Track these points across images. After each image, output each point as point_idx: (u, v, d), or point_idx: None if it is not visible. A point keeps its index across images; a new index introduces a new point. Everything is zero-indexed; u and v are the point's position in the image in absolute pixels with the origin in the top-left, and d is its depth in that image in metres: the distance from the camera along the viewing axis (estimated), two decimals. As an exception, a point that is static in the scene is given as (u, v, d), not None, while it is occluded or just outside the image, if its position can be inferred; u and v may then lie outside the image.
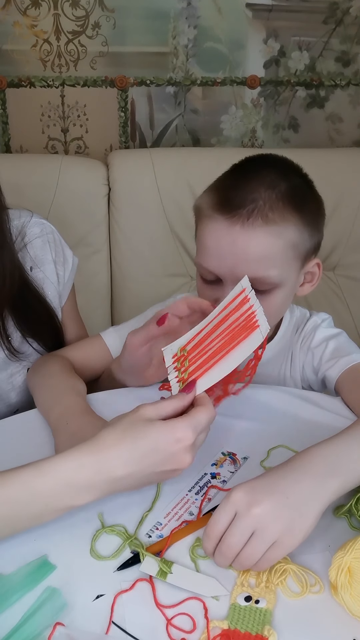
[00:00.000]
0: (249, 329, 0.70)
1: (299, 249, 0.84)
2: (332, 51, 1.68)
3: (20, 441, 0.81)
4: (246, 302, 0.73)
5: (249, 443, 0.80)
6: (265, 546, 0.59)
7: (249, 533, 0.59)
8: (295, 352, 0.99)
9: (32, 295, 0.95)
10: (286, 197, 0.82)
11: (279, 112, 1.73)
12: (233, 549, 0.59)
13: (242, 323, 0.71)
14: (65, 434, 0.76)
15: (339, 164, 1.59)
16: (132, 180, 1.52)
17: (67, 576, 0.61)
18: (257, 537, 0.59)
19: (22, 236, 0.96)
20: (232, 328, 0.71)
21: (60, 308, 1.03)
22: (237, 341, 0.70)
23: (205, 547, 0.62)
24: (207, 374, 0.69)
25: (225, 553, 0.60)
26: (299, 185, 0.86)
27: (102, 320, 1.59)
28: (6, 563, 0.61)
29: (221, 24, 1.60)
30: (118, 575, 0.62)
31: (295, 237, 0.83)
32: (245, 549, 0.59)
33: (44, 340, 0.98)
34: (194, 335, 0.75)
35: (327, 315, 1.01)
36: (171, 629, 0.56)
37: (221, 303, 0.75)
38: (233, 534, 0.59)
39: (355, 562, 0.58)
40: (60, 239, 1.02)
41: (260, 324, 0.70)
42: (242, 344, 0.69)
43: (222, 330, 0.72)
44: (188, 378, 0.70)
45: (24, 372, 0.99)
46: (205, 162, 1.56)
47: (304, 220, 0.83)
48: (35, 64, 1.58)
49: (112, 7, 1.54)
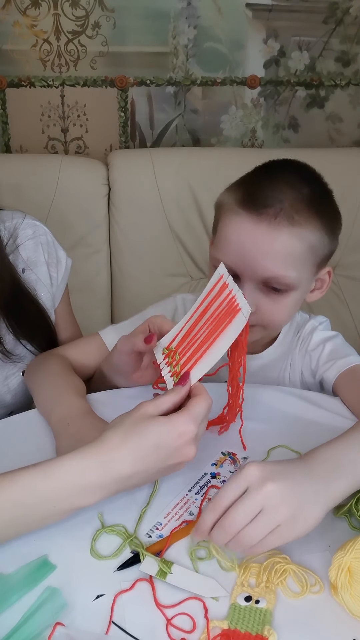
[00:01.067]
0: (231, 313, 0.71)
1: (318, 253, 0.86)
2: (332, 51, 1.68)
3: (20, 441, 0.81)
4: (225, 288, 0.74)
5: (249, 443, 0.80)
6: (268, 528, 0.58)
7: (257, 511, 0.58)
8: (294, 355, 0.99)
9: (24, 297, 0.95)
10: (310, 201, 0.83)
11: (279, 112, 1.73)
12: (237, 524, 0.58)
13: (225, 309, 0.72)
14: (66, 436, 0.76)
15: (339, 164, 1.59)
16: (132, 180, 1.52)
17: (67, 576, 0.61)
18: (263, 516, 0.58)
19: (15, 238, 0.95)
20: (215, 315, 0.73)
21: (53, 310, 1.02)
22: (222, 327, 0.71)
23: (204, 519, 0.60)
24: (198, 363, 0.70)
25: (227, 528, 0.58)
26: (321, 192, 0.87)
27: (102, 320, 1.59)
28: (6, 563, 0.61)
29: (221, 24, 1.60)
30: (118, 575, 0.62)
31: (315, 241, 0.84)
32: (248, 527, 0.58)
33: (37, 342, 0.98)
34: (180, 329, 0.76)
35: (324, 318, 1.02)
36: (171, 629, 0.56)
37: (202, 293, 0.76)
38: (240, 509, 0.58)
39: (355, 562, 0.58)
40: (54, 241, 1.02)
41: (242, 307, 0.71)
42: (227, 329, 0.71)
43: (207, 319, 0.73)
44: (180, 371, 0.71)
45: (19, 375, 0.99)
46: (205, 162, 1.56)
47: (324, 225, 0.85)
48: (35, 64, 1.58)
49: (112, 7, 1.54)
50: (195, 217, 1.55)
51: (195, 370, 0.70)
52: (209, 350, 0.70)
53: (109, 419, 0.79)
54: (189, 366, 0.71)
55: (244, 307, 0.71)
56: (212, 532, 0.60)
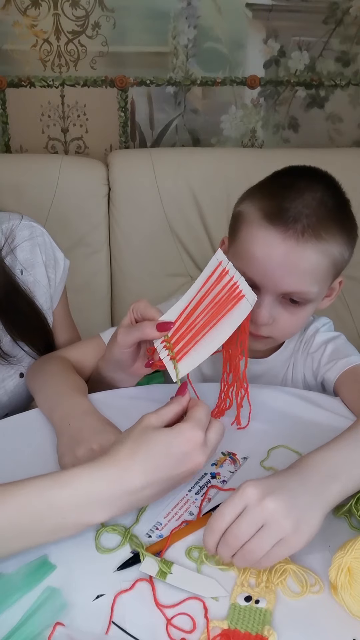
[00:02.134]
0: (234, 300, 0.71)
1: (338, 266, 0.86)
2: (332, 51, 1.68)
3: (20, 441, 0.81)
4: (225, 274, 0.73)
5: (249, 443, 0.80)
6: (272, 541, 0.58)
7: (258, 526, 0.58)
8: (297, 358, 0.99)
9: (21, 298, 0.95)
10: (334, 214, 0.83)
11: (279, 112, 1.73)
12: (239, 538, 0.58)
13: (225, 295, 0.72)
14: (67, 436, 0.76)
15: (339, 164, 1.56)
16: (132, 180, 1.52)
17: (67, 576, 0.61)
18: (266, 531, 0.58)
19: (11, 239, 0.95)
20: (216, 301, 0.72)
21: (51, 311, 1.02)
22: (223, 313, 0.71)
23: (207, 541, 0.60)
24: (197, 347, 0.70)
25: (230, 542, 0.59)
26: (342, 203, 0.87)
27: (102, 320, 1.59)
28: (6, 563, 0.61)
29: (221, 24, 1.60)
30: (118, 575, 0.62)
31: (337, 255, 0.84)
32: (251, 541, 0.58)
33: (34, 344, 0.98)
34: (178, 315, 0.75)
35: (327, 320, 1.02)
36: (171, 629, 0.56)
37: (198, 279, 0.76)
38: (241, 525, 0.58)
39: (355, 562, 0.58)
40: (51, 242, 1.02)
41: (246, 294, 0.71)
42: (229, 315, 0.70)
43: (206, 305, 0.73)
44: (178, 354, 0.71)
45: (16, 377, 0.99)
46: (205, 162, 1.56)
47: (345, 238, 0.85)
48: (35, 64, 1.58)
49: (112, 7, 1.54)
50: (195, 217, 1.55)
51: (194, 355, 0.70)
52: (209, 336, 0.70)
53: (109, 419, 0.79)
54: (187, 349, 0.71)
55: (249, 294, 0.70)
56: (218, 550, 0.60)
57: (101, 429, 0.76)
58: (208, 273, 0.75)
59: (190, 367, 0.70)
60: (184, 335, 0.72)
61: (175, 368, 0.70)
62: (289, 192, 0.83)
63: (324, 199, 0.83)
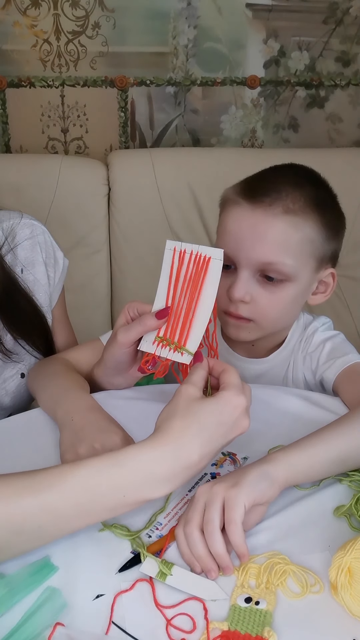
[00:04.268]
0: (203, 265, 0.72)
1: (316, 245, 0.87)
2: (332, 51, 1.68)
3: (20, 441, 0.81)
4: (184, 254, 0.74)
5: (249, 443, 0.80)
6: (240, 510, 0.61)
7: (220, 508, 0.62)
8: (297, 358, 0.99)
9: (22, 297, 0.95)
10: (308, 197, 0.86)
11: (279, 112, 1.73)
12: (217, 540, 0.61)
13: (194, 268, 0.73)
14: (70, 431, 0.76)
15: (339, 164, 1.59)
16: (132, 180, 1.52)
17: (67, 576, 0.61)
18: (228, 505, 0.62)
19: (12, 238, 0.95)
20: (189, 279, 0.73)
21: (50, 310, 1.02)
22: (200, 283, 0.72)
23: (207, 568, 0.62)
24: (193, 326, 0.72)
25: (209, 530, 0.61)
26: (322, 192, 0.90)
27: (102, 321, 1.59)
28: (8, 563, 0.61)
29: (221, 24, 1.60)
30: (118, 576, 0.61)
31: (312, 234, 0.86)
32: (232, 525, 0.61)
33: (35, 342, 0.98)
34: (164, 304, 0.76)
35: (327, 319, 1.01)
36: (171, 630, 0.56)
37: (163, 274, 0.76)
38: (209, 511, 0.62)
39: (355, 562, 0.58)
40: (52, 241, 1.02)
41: (211, 254, 0.71)
42: (206, 280, 0.71)
43: (182, 288, 0.73)
44: (180, 341, 0.72)
45: (17, 377, 0.99)
46: (205, 162, 1.56)
47: (322, 221, 0.87)
48: (35, 64, 1.58)
49: (112, 7, 1.54)
50: (195, 217, 1.55)
51: (195, 331, 0.71)
52: (199, 309, 0.71)
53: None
54: (186, 334, 0.72)
55: (214, 252, 0.71)
56: (218, 561, 0.61)
57: (104, 428, 0.76)
58: (169, 264, 0.75)
59: (197, 342, 0.71)
60: (175, 326, 0.73)
61: (183, 349, 0.72)
62: (267, 176, 0.90)
63: (300, 185, 0.86)
